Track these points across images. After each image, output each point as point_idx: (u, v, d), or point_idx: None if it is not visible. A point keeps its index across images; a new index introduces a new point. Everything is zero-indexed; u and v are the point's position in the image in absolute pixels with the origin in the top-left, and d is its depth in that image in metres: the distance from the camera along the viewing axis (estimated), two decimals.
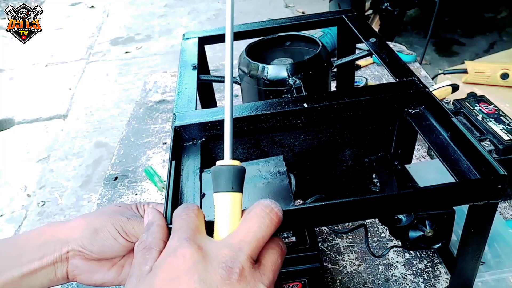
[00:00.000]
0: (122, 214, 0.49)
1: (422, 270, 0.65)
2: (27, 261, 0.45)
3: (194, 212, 0.37)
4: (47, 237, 0.47)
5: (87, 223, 0.48)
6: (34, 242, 0.47)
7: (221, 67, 1.34)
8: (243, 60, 0.67)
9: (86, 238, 0.47)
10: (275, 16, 1.00)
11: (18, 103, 2.68)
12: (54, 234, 0.48)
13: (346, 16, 0.77)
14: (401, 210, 0.48)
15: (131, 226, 0.47)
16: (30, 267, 0.45)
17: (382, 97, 0.53)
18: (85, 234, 0.47)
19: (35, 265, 0.46)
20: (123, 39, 3.42)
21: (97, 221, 0.48)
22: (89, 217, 0.49)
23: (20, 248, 0.47)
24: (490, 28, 2.94)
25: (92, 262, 0.48)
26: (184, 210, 0.38)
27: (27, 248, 0.46)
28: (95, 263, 0.48)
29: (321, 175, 0.62)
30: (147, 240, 0.38)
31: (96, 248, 0.47)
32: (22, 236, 0.49)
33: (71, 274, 0.48)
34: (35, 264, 0.46)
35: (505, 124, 0.72)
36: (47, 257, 0.46)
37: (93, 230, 0.47)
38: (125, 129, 1.11)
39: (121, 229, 0.47)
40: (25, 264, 0.45)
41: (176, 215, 0.37)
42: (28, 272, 0.45)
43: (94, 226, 0.47)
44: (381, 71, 1.22)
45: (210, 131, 0.53)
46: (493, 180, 0.41)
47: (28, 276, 0.46)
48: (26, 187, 2.04)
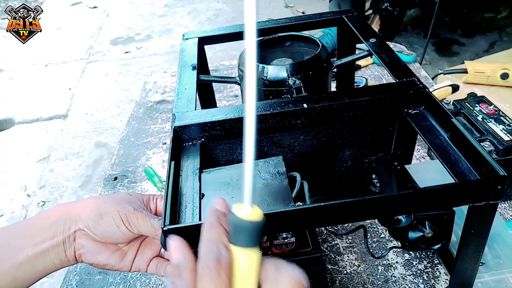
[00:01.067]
0: (130, 204, 0.50)
1: (421, 271, 0.65)
2: (40, 241, 0.47)
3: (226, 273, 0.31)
4: (58, 216, 0.49)
5: (96, 206, 0.49)
6: (46, 222, 0.48)
7: (221, 67, 1.34)
8: (243, 60, 0.67)
9: (91, 220, 0.48)
10: (275, 16, 1.00)
11: (18, 103, 2.68)
12: (65, 212, 0.49)
13: (346, 16, 0.76)
14: (400, 211, 0.48)
15: (135, 218, 0.48)
16: (43, 246, 0.47)
17: (382, 98, 0.53)
18: (91, 216, 0.48)
19: (47, 244, 0.47)
20: (123, 39, 3.42)
21: (105, 205, 0.49)
22: (100, 200, 0.50)
23: (33, 228, 0.48)
24: (490, 28, 2.94)
25: (97, 243, 0.49)
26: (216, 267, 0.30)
27: (39, 227, 0.48)
28: (100, 244, 0.49)
29: (320, 176, 0.61)
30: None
31: (99, 231, 0.48)
32: (35, 217, 0.50)
33: (77, 253, 0.49)
34: (47, 244, 0.47)
35: (505, 125, 0.72)
36: (57, 237, 0.47)
37: (99, 214, 0.48)
38: (125, 129, 1.11)
39: (125, 218, 0.48)
40: (38, 243, 0.47)
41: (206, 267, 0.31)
42: (41, 252, 0.47)
43: (101, 210, 0.48)
44: (381, 71, 1.22)
45: (210, 131, 0.53)
46: (493, 181, 0.41)
47: (41, 256, 0.47)
48: (26, 187, 2.04)
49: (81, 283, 0.70)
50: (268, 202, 0.44)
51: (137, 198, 0.53)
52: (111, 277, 0.70)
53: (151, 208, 0.54)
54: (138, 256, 0.54)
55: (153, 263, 0.55)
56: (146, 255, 0.54)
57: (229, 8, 3.84)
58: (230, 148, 0.55)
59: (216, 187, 0.47)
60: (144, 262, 0.54)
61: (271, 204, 0.44)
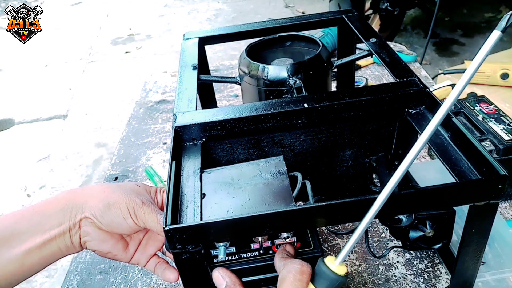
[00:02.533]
0: (139, 196, 0.50)
1: (422, 270, 0.65)
2: (48, 228, 0.47)
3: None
4: (65, 203, 0.49)
5: (104, 195, 0.49)
6: (53, 209, 0.49)
7: (221, 67, 1.34)
8: (244, 60, 0.67)
9: (99, 210, 0.48)
10: (275, 16, 1.00)
11: (18, 103, 2.68)
12: (72, 199, 0.49)
13: (346, 16, 0.76)
14: (401, 210, 0.48)
15: (143, 212, 0.49)
16: (51, 233, 0.47)
17: (383, 97, 0.53)
18: (99, 206, 0.48)
19: (55, 232, 0.47)
20: (123, 39, 3.42)
21: (113, 195, 0.49)
22: (108, 189, 0.50)
23: (41, 215, 0.48)
24: (490, 28, 2.94)
25: (103, 232, 0.49)
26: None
27: (47, 214, 0.48)
28: (106, 233, 0.50)
29: (321, 175, 0.61)
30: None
31: (106, 221, 0.48)
32: (42, 203, 0.50)
33: (82, 240, 0.49)
34: (55, 231, 0.47)
35: (506, 124, 0.72)
36: (64, 224, 0.48)
37: (107, 204, 0.48)
38: (125, 129, 1.11)
39: (133, 211, 0.49)
40: (46, 231, 0.47)
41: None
42: (49, 239, 0.47)
43: (109, 200, 0.49)
44: (381, 71, 1.22)
45: (211, 131, 0.53)
46: (494, 180, 0.41)
47: (49, 243, 0.47)
48: (26, 187, 2.04)
49: (82, 283, 0.70)
50: (269, 201, 0.44)
51: (145, 190, 0.53)
52: (112, 277, 0.70)
53: (158, 201, 0.54)
54: (140, 249, 0.54)
55: (153, 260, 0.55)
56: (148, 249, 0.54)
57: (229, 8, 3.84)
58: (231, 148, 0.55)
59: (217, 187, 0.47)
60: (145, 256, 0.54)
61: (272, 204, 0.44)
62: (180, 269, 0.43)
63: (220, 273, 0.44)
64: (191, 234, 0.39)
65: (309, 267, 0.40)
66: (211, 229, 0.39)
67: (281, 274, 0.41)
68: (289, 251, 0.45)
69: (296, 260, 0.41)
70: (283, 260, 0.42)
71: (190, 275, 0.44)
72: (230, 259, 0.47)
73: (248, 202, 0.44)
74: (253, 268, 0.47)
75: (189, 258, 0.41)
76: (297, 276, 0.39)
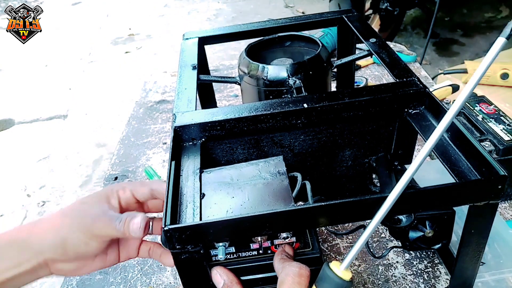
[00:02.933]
0: (87, 215, 0.47)
1: (422, 271, 0.65)
2: (3, 269, 0.44)
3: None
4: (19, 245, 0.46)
5: (54, 232, 0.46)
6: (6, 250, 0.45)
7: (221, 67, 1.34)
8: (243, 60, 0.67)
9: (57, 248, 0.45)
10: (275, 16, 1.00)
11: (18, 103, 2.68)
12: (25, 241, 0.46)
13: (346, 16, 0.76)
14: (401, 211, 0.48)
15: (98, 229, 0.46)
16: (6, 275, 0.44)
17: (382, 97, 0.53)
18: (55, 244, 0.45)
19: (13, 272, 0.45)
20: (123, 39, 3.43)
21: (63, 229, 0.46)
22: (55, 222, 0.47)
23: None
24: (490, 28, 2.94)
25: (75, 262, 0.47)
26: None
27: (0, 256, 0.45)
28: (78, 261, 0.47)
29: (321, 176, 0.61)
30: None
31: (71, 254, 0.46)
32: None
33: (57, 274, 0.47)
34: (13, 271, 0.45)
35: (505, 125, 0.72)
36: (24, 264, 0.45)
37: (61, 240, 0.45)
38: (125, 129, 1.11)
39: (89, 233, 0.46)
40: (2, 272, 0.44)
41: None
42: (8, 278, 0.44)
43: (61, 235, 0.45)
44: (381, 71, 1.22)
45: (210, 131, 0.53)
46: (493, 180, 0.41)
47: (8, 282, 0.45)
48: (26, 187, 2.04)
49: (82, 283, 0.70)
50: (268, 202, 0.44)
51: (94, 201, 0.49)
52: (111, 277, 0.70)
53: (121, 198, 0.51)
54: (123, 250, 0.52)
55: (144, 248, 0.53)
56: (131, 245, 0.52)
57: (229, 8, 3.84)
58: (231, 148, 0.55)
59: (217, 187, 0.47)
60: (132, 250, 0.52)
61: (271, 204, 0.44)
62: (179, 269, 0.43)
63: (218, 271, 0.44)
64: (191, 234, 0.39)
65: (307, 270, 0.40)
66: (211, 229, 0.39)
67: (280, 277, 0.41)
68: (288, 252, 0.45)
69: (294, 263, 0.41)
70: (282, 262, 0.42)
71: (190, 275, 0.44)
72: (229, 258, 0.47)
73: (248, 202, 0.44)
74: (252, 267, 0.47)
75: (188, 258, 0.41)
76: (295, 279, 0.39)
